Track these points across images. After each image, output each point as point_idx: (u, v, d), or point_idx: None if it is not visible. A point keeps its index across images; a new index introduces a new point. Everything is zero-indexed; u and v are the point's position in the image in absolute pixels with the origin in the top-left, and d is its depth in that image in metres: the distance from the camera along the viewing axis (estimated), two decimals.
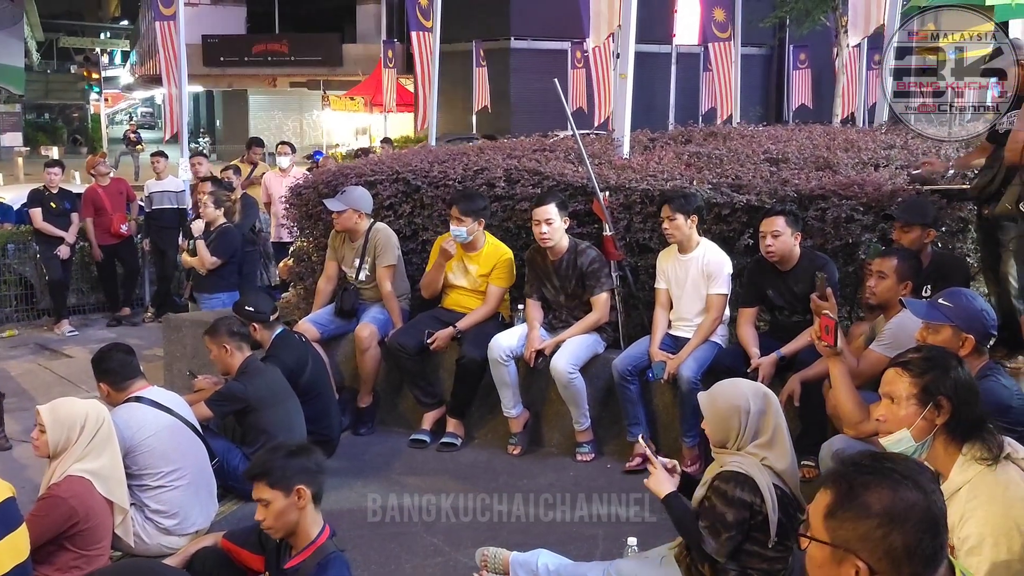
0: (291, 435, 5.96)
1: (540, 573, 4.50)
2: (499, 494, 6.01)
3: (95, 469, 4.77)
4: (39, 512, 4.57)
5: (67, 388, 9.31)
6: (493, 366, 6.54)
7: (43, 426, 4.72)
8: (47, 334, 11.53)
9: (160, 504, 5.13)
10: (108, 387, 5.31)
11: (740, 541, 4.07)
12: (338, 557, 3.50)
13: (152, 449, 5.12)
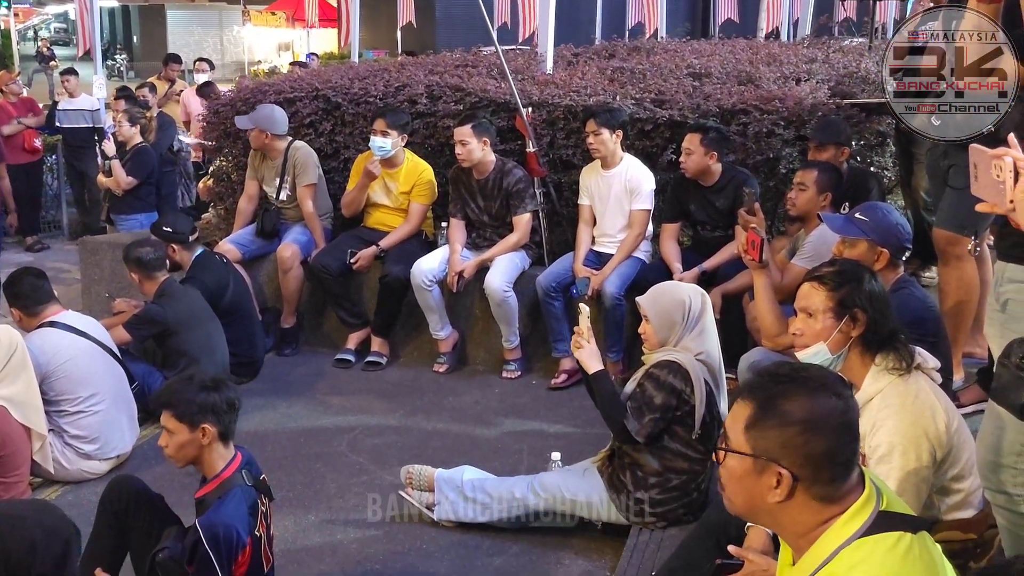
0: (213, 357, 5.90)
1: (465, 488, 4.54)
2: (424, 413, 6.04)
3: (10, 395, 4.68)
4: None
5: None
6: (417, 292, 6.50)
7: None
8: None
9: (79, 429, 5.05)
10: (20, 312, 5.18)
11: (663, 429, 4.16)
12: (240, 491, 3.44)
13: (68, 374, 5.03)
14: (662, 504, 4.22)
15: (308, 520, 4.74)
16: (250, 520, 3.40)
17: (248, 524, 3.38)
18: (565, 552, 4.39)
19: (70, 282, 9.28)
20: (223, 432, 3.49)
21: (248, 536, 3.36)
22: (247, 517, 3.39)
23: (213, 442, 3.47)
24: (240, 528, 3.34)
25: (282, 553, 4.34)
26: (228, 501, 3.40)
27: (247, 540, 3.35)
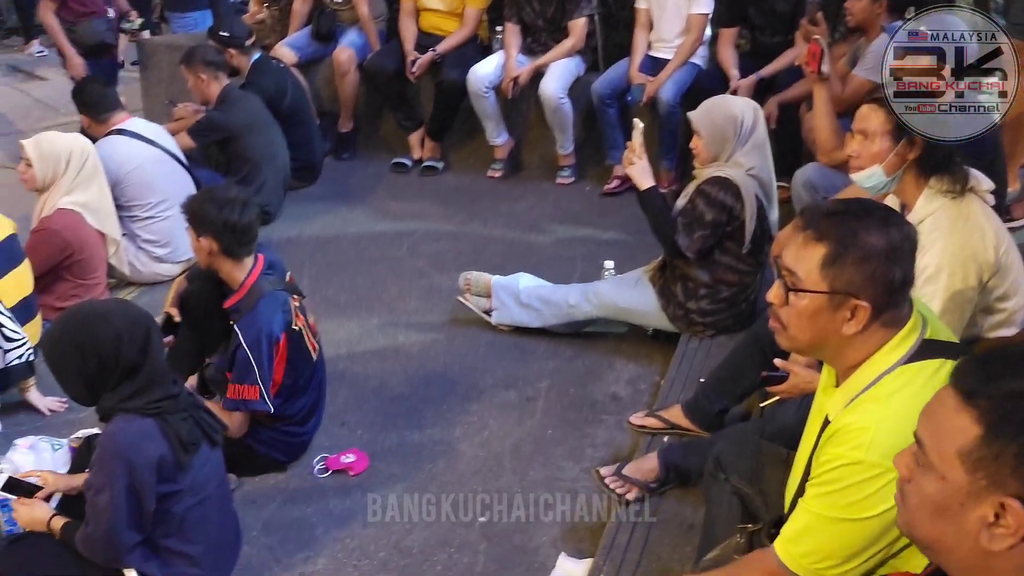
0: (274, 162, 6.03)
1: (521, 295, 4.70)
2: (480, 219, 6.17)
3: (84, 201, 4.85)
4: (34, 244, 4.69)
5: (45, 111, 9.25)
6: (473, 98, 6.52)
7: (29, 160, 4.76)
8: (18, 55, 11.28)
9: (151, 234, 5.26)
10: (89, 120, 5.31)
11: (712, 244, 4.24)
12: (268, 295, 3.63)
13: (138, 180, 5.20)
14: (711, 314, 4.36)
15: (371, 323, 4.96)
16: (284, 318, 3.61)
17: (282, 323, 3.60)
18: (617, 357, 4.58)
19: (129, 82, 9.35)
20: (225, 249, 3.63)
21: (283, 333, 3.59)
22: (281, 317, 3.61)
23: (217, 255, 3.63)
24: (276, 328, 3.57)
25: (346, 355, 4.62)
26: (259, 306, 3.60)
27: (281, 337, 3.59)
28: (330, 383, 4.05)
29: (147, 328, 2.90)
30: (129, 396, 2.83)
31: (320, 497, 3.69)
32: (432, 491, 3.70)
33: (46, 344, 2.96)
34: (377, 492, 3.69)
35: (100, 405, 2.89)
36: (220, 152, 6.03)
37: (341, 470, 3.82)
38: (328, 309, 4.91)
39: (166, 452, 2.83)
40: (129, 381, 2.83)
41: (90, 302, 3.18)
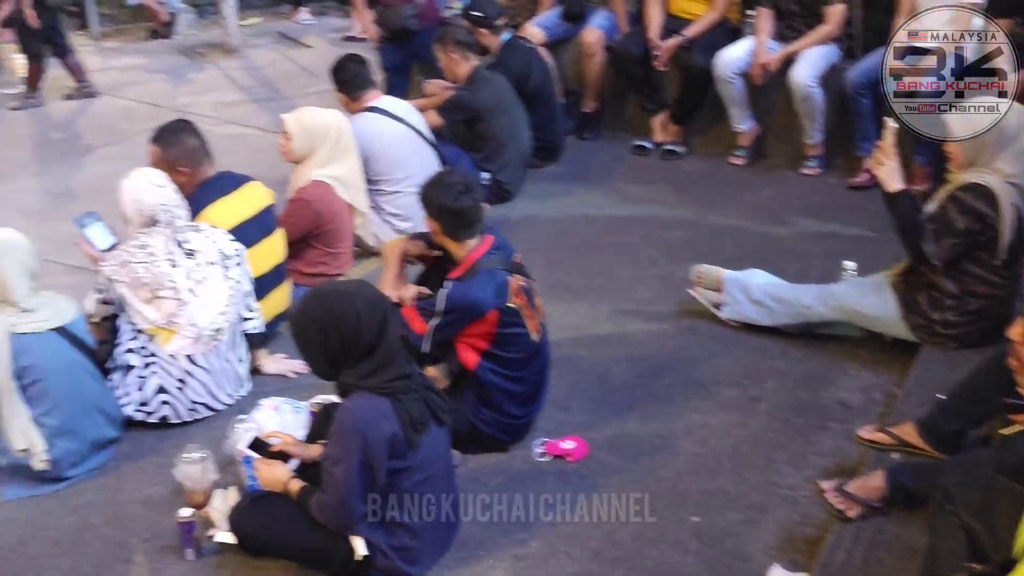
0: (516, 142, 6.15)
1: (754, 292, 4.61)
2: (719, 207, 6.08)
3: (337, 174, 5.12)
4: (288, 213, 4.99)
5: (309, 80, 9.75)
6: (719, 83, 6.40)
7: (289, 134, 5.06)
8: (287, 22, 11.92)
9: (395, 208, 5.49)
10: (345, 97, 5.57)
11: (962, 253, 4.02)
12: (485, 272, 3.71)
13: (387, 156, 5.43)
14: (957, 327, 4.14)
15: (600, 309, 4.98)
16: (495, 295, 3.69)
17: (491, 297, 3.68)
18: (851, 363, 4.42)
19: None
20: (445, 230, 3.75)
21: (492, 307, 3.67)
22: (491, 292, 3.68)
23: (440, 235, 3.79)
24: (480, 299, 3.67)
25: (573, 340, 4.66)
26: (472, 279, 3.71)
27: (487, 310, 3.67)
28: (555, 367, 4.11)
29: (384, 310, 3.07)
30: (367, 375, 3.01)
31: (538, 481, 3.76)
32: (648, 485, 3.69)
33: (293, 319, 3.16)
34: (594, 480, 3.73)
35: (339, 381, 3.08)
36: (466, 130, 6.19)
37: (560, 455, 3.88)
38: (559, 292, 4.97)
39: (398, 430, 2.99)
40: (367, 360, 3.00)
41: (333, 282, 3.37)
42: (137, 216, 4.05)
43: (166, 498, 3.66)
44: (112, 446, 3.98)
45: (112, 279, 4.01)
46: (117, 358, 4.07)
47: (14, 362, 3.64)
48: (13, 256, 3.70)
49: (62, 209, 6.99)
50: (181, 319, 4.02)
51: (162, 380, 4.04)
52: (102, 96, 9.62)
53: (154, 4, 11.26)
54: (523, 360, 3.84)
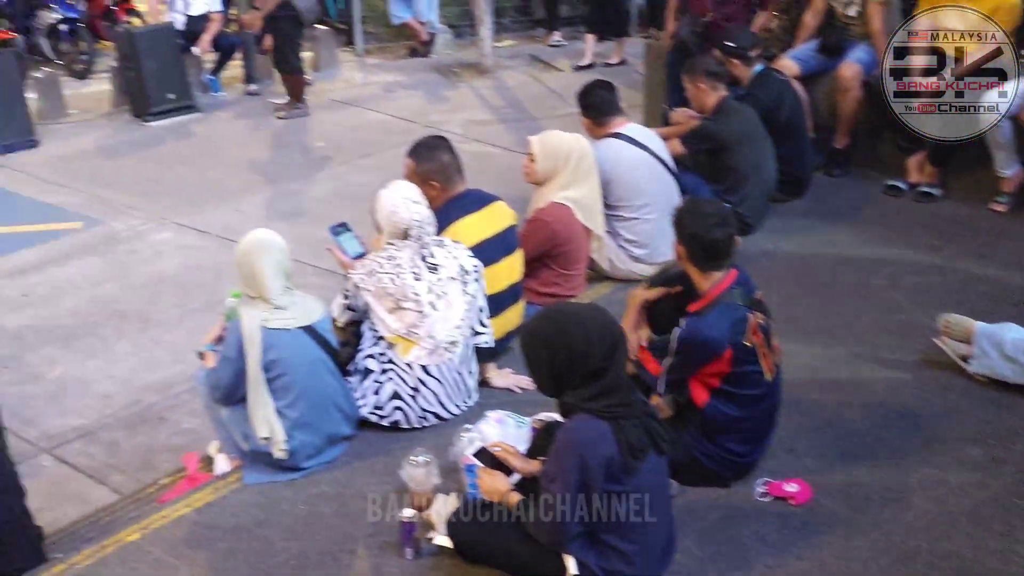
0: (761, 175, 6.04)
1: (1007, 347, 4.34)
2: (974, 255, 5.76)
3: (576, 198, 5.17)
4: (527, 232, 5.09)
5: (556, 102, 9.95)
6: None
7: (533, 156, 5.16)
8: (539, 45, 12.18)
9: (632, 234, 5.49)
10: (590, 122, 5.63)
11: None
12: (724, 306, 3.63)
13: (627, 183, 5.44)
14: None
15: (836, 351, 4.81)
16: (731, 331, 3.61)
17: (726, 334, 3.60)
18: None
19: (634, 76, 9.78)
20: (691, 257, 3.72)
21: (727, 345, 3.59)
22: (726, 329, 3.61)
23: (685, 261, 3.75)
24: (714, 337, 3.60)
25: (806, 381, 4.52)
26: (709, 314, 3.65)
27: (721, 349, 3.60)
28: (785, 407, 3.99)
29: (616, 337, 3.08)
30: (590, 397, 3.03)
31: (758, 520, 3.67)
32: (874, 538, 3.54)
33: (524, 334, 3.22)
34: (816, 527, 3.61)
35: (562, 400, 3.11)
36: (708, 160, 6.13)
37: (783, 497, 3.77)
38: (793, 331, 4.82)
39: (616, 454, 2.99)
40: (592, 383, 3.02)
41: (568, 304, 3.41)
42: (390, 227, 4.21)
43: (391, 497, 3.79)
44: (345, 442, 4.17)
45: (359, 287, 4.19)
46: (358, 362, 4.26)
47: (264, 355, 3.88)
48: (270, 255, 3.94)
49: (318, 213, 7.42)
50: (420, 330, 4.16)
51: (397, 387, 4.20)
52: (361, 109, 10.13)
53: (416, 24, 11.76)
54: (754, 399, 3.75)
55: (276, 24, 9.68)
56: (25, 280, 6.82)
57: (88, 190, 8.32)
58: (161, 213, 7.81)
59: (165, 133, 9.73)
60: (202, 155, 9.18)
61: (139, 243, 7.34)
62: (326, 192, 8.08)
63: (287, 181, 8.45)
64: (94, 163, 9.04)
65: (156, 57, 9.95)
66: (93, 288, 6.68)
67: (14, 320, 6.29)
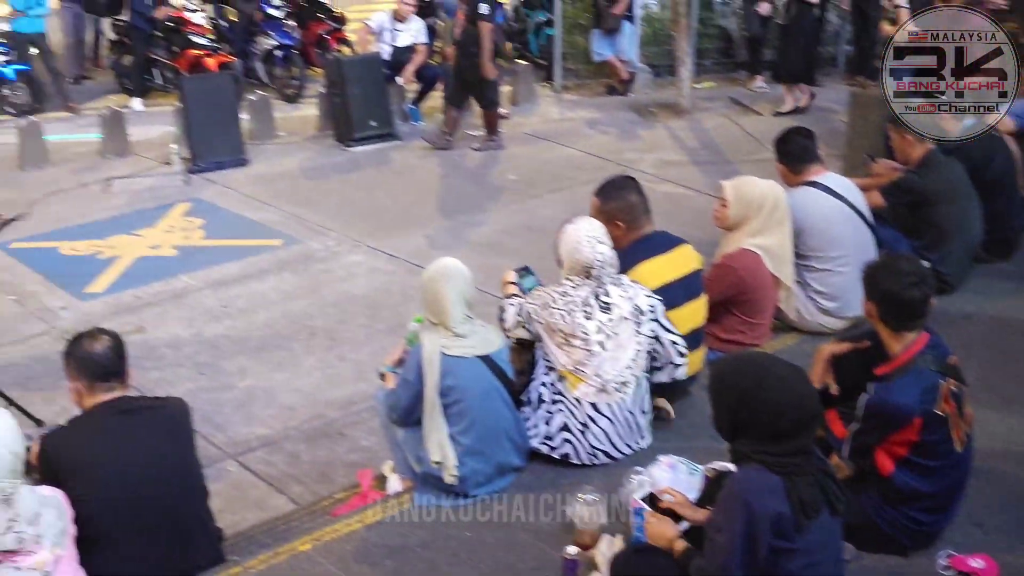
0: (964, 234, 5.78)
1: None
2: None
3: (766, 245, 5.07)
4: (713, 277, 5.01)
5: (753, 147, 9.81)
6: None
7: (725, 201, 5.10)
8: (740, 88, 12.03)
9: (823, 286, 5.33)
10: (786, 168, 5.50)
11: None
12: (915, 372, 3.46)
13: (821, 233, 5.29)
14: None
15: None
16: (921, 399, 3.45)
17: (916, 402, 3.45)
18: None
19: (837, 124, 9.53)
20: (881, 316, 3.58)
21: (916, 414, 3.44)
22: (917, 396, 3.45)
23: (875, 319, 3.62)
24: (903, 405, 3.45)
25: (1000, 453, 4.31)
26: (899, 379, 3.51)
27: (911, 417, 3.44)
28: (974, 477, 3.78)
29: (812, 412, 2.97)
30: (764, 448, 2.93)
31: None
32: None
33: (716, 370, 3.16)
34: None
35: (735, 447, 3.03)
36: (909, 214, 5.88)
37: (967, 573, 3.56)
38: (990, 399, 4.56)
39: (786, 510, 2.88)
40: (770, 442, 2.93)
41: (774, 359, 3.29)
42: (570, 263, 4.21)
43: (556, 532, 3.78)
44: (515, 473, 4.19)
45: (533, 317, 4.22)
46: (531, 391, 4.28)
47: (441, 380, 3.94)
48: (454, 284, 4.01)
49: (505, 245, 7.53)
50: (588, 368, 4.14)
51: (567, 419, 4.19)
52: (555, 144, 10.24)
53: (617, 62, 11.81)
54: (943, 470, 3.57)
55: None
56: (226, 292, 7.17)
57: (289, 209, 8.70)
58: (355, 235, 8.08)
59: (365, 159, 10.08)
60: (398, 182, 9.46)
61: (333, 263, 7.61)
62: (514, 224, 8.18)
63: (477, 211, 8.61)
64: (297, 184, 9.45)
65: (362, 85, 10.35)
66: (287, 303, 6.96)
67: (213, 329, 6.61)
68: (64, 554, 3.11)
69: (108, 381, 3.52)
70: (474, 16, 9.72)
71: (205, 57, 11.59)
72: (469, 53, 9.81)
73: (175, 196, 9.12)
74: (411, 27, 10.98)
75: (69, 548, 3.16)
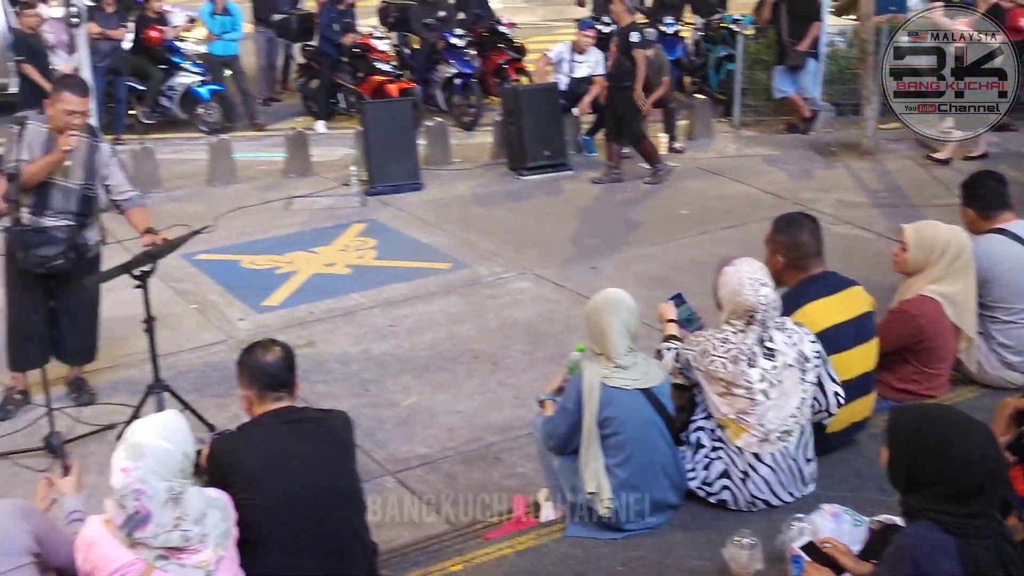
0: None
1: None
2: None
3: (948, 293, 4.85)
4: (889, 322, 4.82)
5: (938, 190, 9.46)
6: None
7: (905, 244, 4.91)
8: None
9: (1008, 339, 5.05)
10: (974, 214, 5.26)
11: None
12: None
13: (1010, 283, 5.03)
14: None
15: None
16: None
17: None
18: None
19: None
20: None
21: None
22: None
23: None
24: None
25: None
26: None
27: None
28: None
29: (1000, 475, 2.83)
30: (939, 505, 2.78)
31: None
32: None
33: (898, 420, 2.98)
34: None
35: (909, 501, 2.88)
36: None
37: None
38: None
39: (958, 574, 2.72)
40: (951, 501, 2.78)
41: (959, 412, 3.10)
42: (731, 307, 4.06)
43: (709, 574, 3.68)
44: (671, 511, 4.10)
45: (692, 364, 4.10)
46: (690, 432, 4.17)
47: (600, 411, 3.90)
48: (619, 315, 3.97)
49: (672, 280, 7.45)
50: (751, 418, 4.00)
51: (727, 466, 4.06)
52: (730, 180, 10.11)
53: (799, 99, 11.58)
54: None
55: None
56: (394, 312, 7.32)
57: (459, 234, 8.84)
58: (523, 263, 8.14)
59: (536, 188, 10.17)
60: (568, 211, 9.50)
61: (499, 289, 7.68)
62: (683, 259, 8.09)
63: (646, 244, 8.55)
64: (468, 209, 9.60)
65: (537, 115, 10.47)
66: (452, 326, 7.06)
67: (380, 347, 6.75)
68: (226, 555, 3.21)
69: (277, 391, 3.63)
70: (626, 46, 9.71)
71: (387, 83, 11.96)
72: (622, 85, 9.81)
73: (351, 216, 9.40)
74: (590, 59, 11.06)
75: (231, 549, 3.26)
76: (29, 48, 10.56)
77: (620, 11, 9.90)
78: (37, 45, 10.59)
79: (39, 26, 10.64)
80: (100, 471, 5.06)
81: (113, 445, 5.27)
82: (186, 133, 12.22)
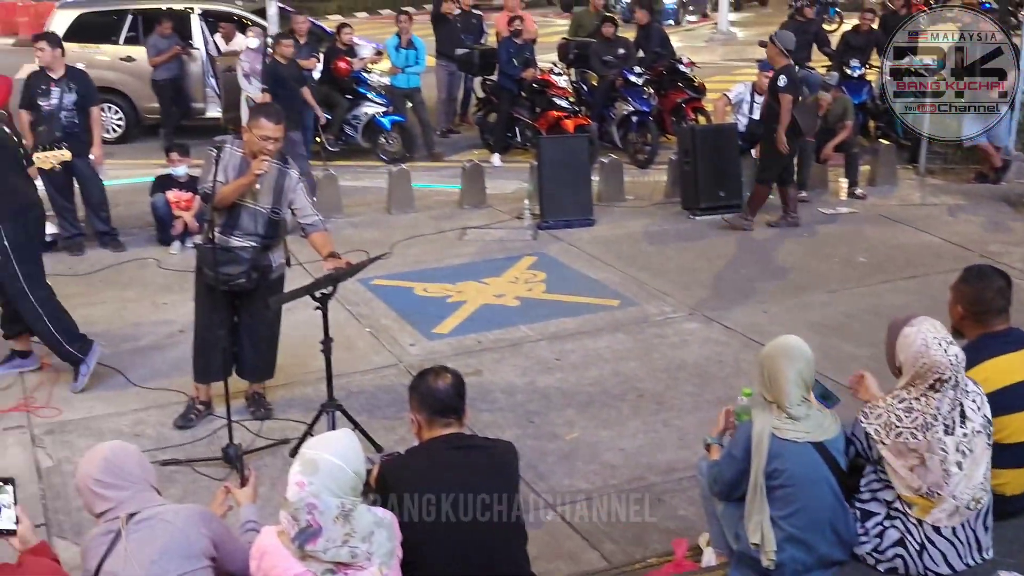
0: None
1: None
2: None
3: None
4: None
5: None
6: None
7: None
8: None
9: None
10: None
11: None
12: None
13: None
14: None
15: None
16: None
17: None
18: None
19: None
20: None
21: None
22: None
23: None
24: None
25: None
26: None
27: None
28: None
29: None
30: None
31: None
32: None
33: None
34: None
35: None
36: None
37: None
38: None
39: None
40: None
41: None
42: (916, 370, 3.82)
43: None
44: (837, 568, 3.95)
45: (873, 439, 3.87)
46: (861, 495, 4.00)
47: (768, 462, 3.80)
48: (795, 364, 3.86)
49: (848, 328, 7.24)
50: (944, 491, 3.77)
51: (903, 536, 3.85)
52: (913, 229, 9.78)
53: (990, 148, 11.13)
54: None
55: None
56: (561, 345, 7.34)
57: (629, 272, 8.81)
58: (693, 303, 8.05)
59: (709, 228, 10.06)
60: (741, 253, 9.36)
61: (667, 328, 7.62)
62: (860, 308, 7.84)
63: (820, 290, 8.34)
64: (639, 247, 9.57)
65: (714, 155, 10.38)
66: (618, 363, 7.03)
67: (545, 380, 6.79)
68: (390, 574, 3.27)
69: (446, 417, 3.70)
70: (775, 90, 9.52)
71: (564, 119, 12.08)
72: (771, 128, 9.62)
73: (522, 249, 9.50)
74: None
75: (395, 569, 3.32)
76: (278, 78, 10.67)
77: (774, 54, 9.73)
78: (287, 75, 10.69)
79: (294, 56, 10.80)
80: (272, 483, 5.27)
81: (286, 459, 5.56)
82: (367, 162, 12.64)
